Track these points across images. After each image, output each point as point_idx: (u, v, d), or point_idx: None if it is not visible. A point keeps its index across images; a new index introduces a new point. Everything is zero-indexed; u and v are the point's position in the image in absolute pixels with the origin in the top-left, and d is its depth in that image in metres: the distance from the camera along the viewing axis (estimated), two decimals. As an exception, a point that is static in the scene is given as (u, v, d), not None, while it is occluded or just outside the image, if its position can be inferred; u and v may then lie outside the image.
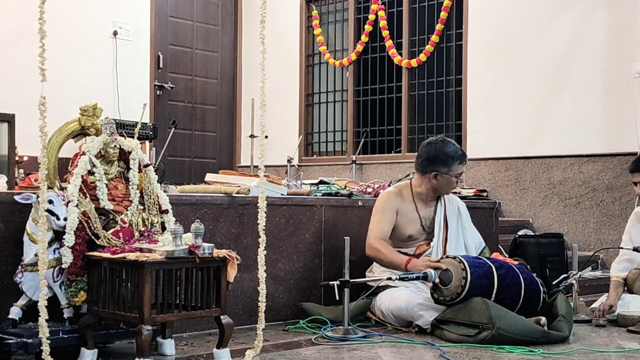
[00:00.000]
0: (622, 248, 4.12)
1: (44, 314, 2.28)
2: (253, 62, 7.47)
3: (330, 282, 3.34)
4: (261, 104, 2.64)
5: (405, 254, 3.70)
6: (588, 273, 4.37)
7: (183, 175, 6.61)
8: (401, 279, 3.40)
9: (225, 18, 7.63)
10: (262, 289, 2.65)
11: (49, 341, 2.27)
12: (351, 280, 3.34)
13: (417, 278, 3.41)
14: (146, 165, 2.98)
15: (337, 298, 3.31)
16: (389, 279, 3.48)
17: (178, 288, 2.71)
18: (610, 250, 4.95)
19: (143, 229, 2.87)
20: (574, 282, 3.86)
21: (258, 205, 2.78)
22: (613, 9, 5.56)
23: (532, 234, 5.15)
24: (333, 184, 4.42)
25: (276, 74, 7.01)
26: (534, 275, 3.51)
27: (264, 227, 2.69)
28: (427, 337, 3.30)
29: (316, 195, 4.15)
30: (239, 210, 3.57)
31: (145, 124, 5.90)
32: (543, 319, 3.30)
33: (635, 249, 3.76)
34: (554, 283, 3.82)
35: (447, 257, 3.48)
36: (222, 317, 2.76)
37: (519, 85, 5.96)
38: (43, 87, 2.17)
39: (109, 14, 6.57)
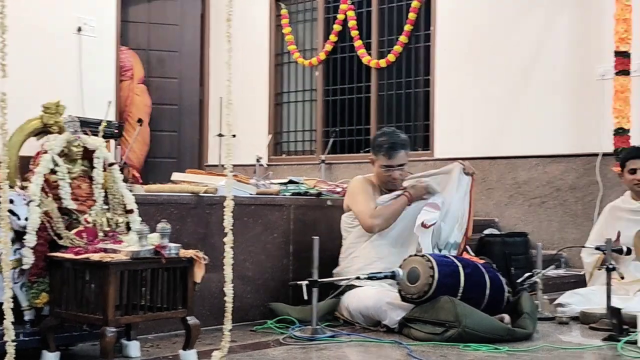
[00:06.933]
0: (584, 247, 4.19)
1: (9, 317, 2.24)
2: (221, 60, 7.42)
3: (299, 282, 3.33)
4: (227, 103, 2.62)
5: None
6: (551, 271, 4.42)
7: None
8: (369, 278, 3.40)
9: (190, 16, 7.57)
10: (229, 289, 2.63)
11: (14, 344, 2.22)
12: (319, 280, 3.33)
13: (385, 277, 3.42)
14: (111, 164, 2.95)
15: (306, 298, 3.30)
16: (357, 278, 3.49)
17: (143, 289, 2.68)
18: (573, 249, 5.02)
19: (107, 229, 2.84)
20: (538, 280, 3.91)
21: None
22: (577, 12, 5.64)
23: (498, 233, 5.20)
24: (302, 183, 4.41)
25: (245, 73, 6.98)
26: (499, 274, 3.55)
27: (232, 227, 2.67)
28: (394, 336, 3.31)
29: (285, 195, 4.13)
30: (206, 210, 3.54)
31: (111, 122, 5.82)
32: (506, 317, 3.34)
33: (597, 248, 3.81)
34: (518, 281, 3.87)
35: (416, 255, 3.49)
36: (188, 318, 2.73)
37: (486, 86, 6.02)
38: (3, 84, 2.12)
39: (73, 10, 6.46)
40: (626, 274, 3.91)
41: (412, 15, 6.48)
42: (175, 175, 3.99)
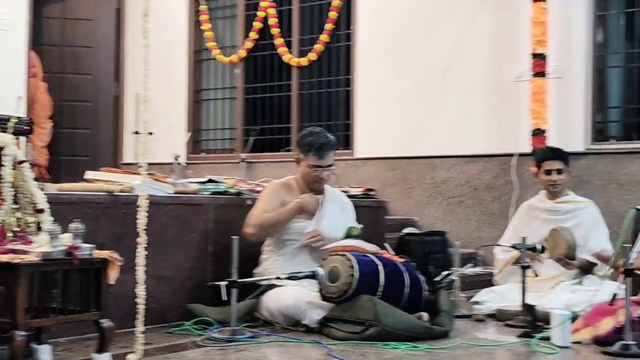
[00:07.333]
0: (500, 245, 4.30)
1: None
2: (138, 56, 7.24)
3: (217, 283, 3.28)
4: (144, 100, 2.56)
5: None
6: (469, 270, 4.53)
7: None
8: (289, 277, 3.38)
9: (105, 11, 7.36)
10: (141, 290, 2.58)
11: None
12: (239, 280, 3.29)
13: (306, 277, 3.40)
14: (21, 162, 2.82)
15: (225, 298, 3.25)
16: (277, 278, 3.46)
17: (55, 291, 2.59)
18: (490, 247, 5.16)
19: (17, 229, 2.73)
20: (455, 278, 3.99)
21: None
22: (496, 14, 5.80)
23: (417, 232, 5.28)
24: (221, 182, 4.35)
25: (163, 70, 6.84)
26: (417, 272, 3.60)
27: (147, 227, 2.61)
28: (314, 336, 3.31)
29: (204, 194, 4.06)
30: (121, 209, 3.44)
31: (21, 118, 5.58)
32: (424, 315, 3.39)
33: (513, 246, 3.91)
34: (436, 280, 3.93)
35: (337, 254, 3.50)
36: (102, 320, 2.66)
37: (406, 86, 6.11)
38: None
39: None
40: (541, 271, 4.03)
41: (333, 14, 6.51)
42: (89, 174, 3.85)
